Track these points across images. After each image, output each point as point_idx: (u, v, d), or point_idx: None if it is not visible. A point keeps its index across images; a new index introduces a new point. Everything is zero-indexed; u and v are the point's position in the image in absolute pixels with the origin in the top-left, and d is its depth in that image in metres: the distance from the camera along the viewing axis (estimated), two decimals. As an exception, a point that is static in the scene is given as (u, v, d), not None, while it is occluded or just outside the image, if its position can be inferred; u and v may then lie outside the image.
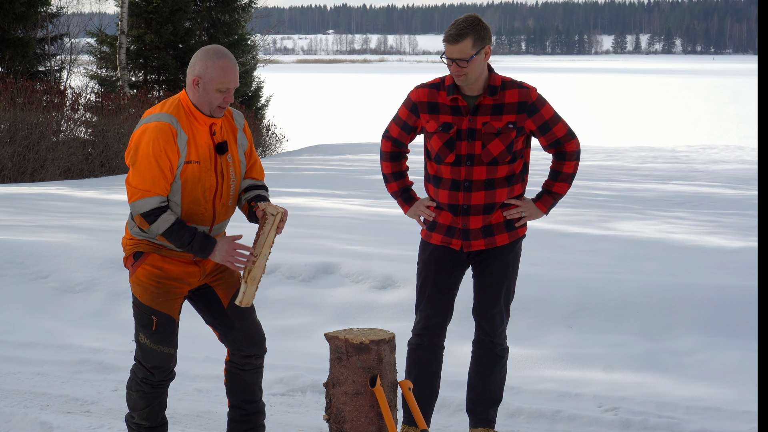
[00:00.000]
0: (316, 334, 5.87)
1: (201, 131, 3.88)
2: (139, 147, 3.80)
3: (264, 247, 3.89)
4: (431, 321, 4.30)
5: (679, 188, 13.87)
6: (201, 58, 3.84)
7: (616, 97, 49.46)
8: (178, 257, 3.94)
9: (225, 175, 3.93)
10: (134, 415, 4.08)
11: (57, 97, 16.00)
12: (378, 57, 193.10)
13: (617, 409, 4.89)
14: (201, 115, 3.86)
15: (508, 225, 4.22)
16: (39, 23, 19.92)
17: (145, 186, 3.78)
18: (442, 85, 4.16)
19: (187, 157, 3.82)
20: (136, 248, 3.95)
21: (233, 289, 4.06)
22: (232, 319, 4.04)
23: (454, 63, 4.02)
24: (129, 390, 4.08)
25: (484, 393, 4.36)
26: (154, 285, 3.93)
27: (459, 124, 4.10)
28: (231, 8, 23.70)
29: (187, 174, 3.83)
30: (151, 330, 3.96)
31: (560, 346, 5.76)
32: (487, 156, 4.10)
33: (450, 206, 4.18)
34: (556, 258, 7.60)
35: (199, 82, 3.82)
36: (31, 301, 6.64)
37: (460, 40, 3.99)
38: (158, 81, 22.36)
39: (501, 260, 4.22)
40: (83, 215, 9.73)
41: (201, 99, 3.84)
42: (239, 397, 4.14)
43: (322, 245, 7.66)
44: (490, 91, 4.09)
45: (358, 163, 18.22)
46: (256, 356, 4.11)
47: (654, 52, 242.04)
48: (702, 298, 6.06)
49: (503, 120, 4.08)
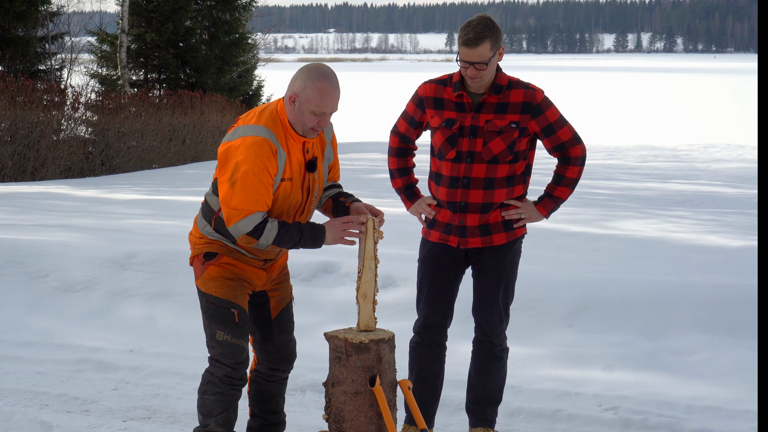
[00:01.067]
0: (316, 334, 5.86)
1: (295, 148, 3.75)
2: (240, 164, 3.61)
3: (365, 260, 3.78)
4: (430, 319, 4.30)
5: (680, 187, 13.87)
6: (302, 75, 3.67)
7: (617, 96, 49.42)
8: (249, 262, 3.88)
9: (311, 192, 3.85)
10: (209, 423, 3.91)
11: (57, 96, 15.99)
12: (379, 56, 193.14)
13: (617, 408, 4.89)
14: (295, 133, 3.74)
15: (506, 225, 4.21)
16: (39, 22, 19.92)
17: (248, 206, 3.63)
18: (449, 81, 4.17)
19: (283, 174, 3.71)
20: (208, 248, 3.86)
21: (285, 302, 4.05)
22: (274, 330, 4.02)
23: (472, 66, 4.00)
24: (203, 395, 3.91)
25: (483, 393, 4.36)
26: (228, 279, 3.85)
27: (462, 120, 4.10)
28: (232, 7, 23.68)
29: (280, 191, 3.73)
30: (233, 323, 3.83)
31: (560, 346, 5.76)
32: (487, 154, 4.09)
33: (449, 203, 4.18)
34: (557, 257, 7.60)
35: (295, 99, 3.67)
36: (30, 300, 6.64)
37: (479, 43, 3.97)
38: (159, 80, 22.35)
39: (498, 260, 4.22)
40: (83, 214, 9.73)
41: (295, 118, 3.70)
42: (262, 406, 4.12)
43: (323, 244, 7.65)
44: (496, 90, 4.09)
45: (359, 162, 18.22)
46: (283, 370, 4.10)
47: (655, 51, 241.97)
48: (702, 297, 6.06)
49: (506, 119, 4.08)
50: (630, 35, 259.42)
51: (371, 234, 3.79)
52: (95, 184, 13.58)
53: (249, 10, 24.44)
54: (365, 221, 3.78)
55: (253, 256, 3.89)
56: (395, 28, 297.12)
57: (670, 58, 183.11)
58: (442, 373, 4.40)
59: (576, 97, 46.56)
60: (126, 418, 4.75)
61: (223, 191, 3.67)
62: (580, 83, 64.47)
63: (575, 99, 44.66)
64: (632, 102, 44.09)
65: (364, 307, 3.83)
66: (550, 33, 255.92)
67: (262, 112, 3.76)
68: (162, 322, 6.38)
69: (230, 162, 3.65)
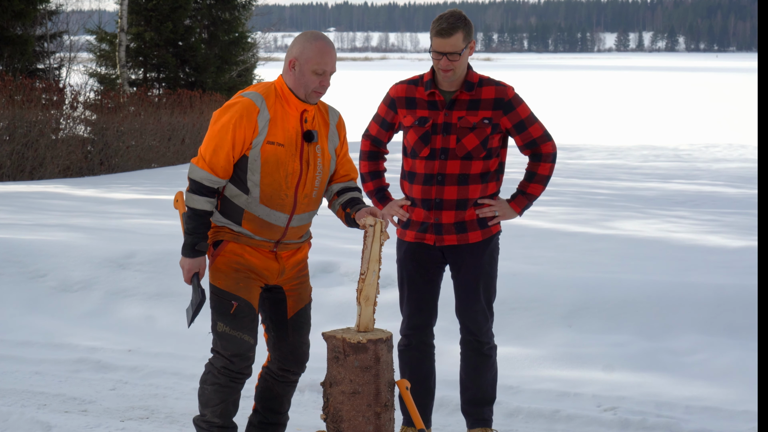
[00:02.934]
0: (315, 333, 5.84)
1: (291, 115, 3.85)
2: (217, 117, 3.82)
3: (370, 263, 3.78)
4: (415, 320, 4.31)
5: (681, 187, 13.86)
6: (299, 41, 3.84)
7: (619, 95, 49.42)
8: (258, 247, 3.90)
9: (311, 165, 3.89)
10: (205, 413, 3.95)
11: (56, 95, 15.99)
12: (379, 55, 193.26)
13: (616, 408, 4.88)
14: (294, 99, 3.83)
15: (481, 222, 4.23)
16: (38, 20, 19.92)
17: (207, 154, 3.79)
18: (420, 81, 4.22)
19: (268, 136, 3.79)
20: (216, 237, 3.91)
21: (302, 303, 4.05)
22: (289, 330, 4.02)
23: (445, 57, 4.05)
24: (203, 385, 3.96)
25: (476, 394, 4.36)
26: (233, 270, 3.88)
27: (435, 118, 4.14)
28: (231, 6, 23.69)
29: (268, 154, 3.79)
30: (230, 315, 3.85)
31: (559, 346, 5.75)
32: (461, 150, 4.12)
33: (423, 201, 4.19)
34: (556, 257, 7.59)
35: (295, 63, 3.81)
36: (29, 299, 6.63)
37: (452, 33, 4.04)
38: (158, 79, 22.35)
39: (476, 257, 4.23)
40: (82, 214, 9.72)
41: (297, 82, 3.82)
42: (265, 404, 4.12)
43: (321, 244, 7.63)
44: (467, 87, 4.14)
45: (357, 161, 18.20)
46: (293, 372, 4.09)
47: (657, 50, 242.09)
48: (702, 297, 6.05)
49: (479, 115, 4.12)
50: (632, 34, 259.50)
51: (378, 237, 3.77)
52: (94, 184, 13.58)
53: (248, 9, 24.45)
54: (374, 224, 3.78)
55: (262, 238, 3.89)
56: (396, 27, 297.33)
57: (672, 57, 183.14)
58: (434, 373, 4.41)
59: (577, 97, 46.58)
60: (124, 418, 4.75)
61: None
62: (582, 82, 64.47)
63: (577, 98, 44.67)
64: (634, 101, 44.08)
65: (365, 309, 3.81)
66: (552, 32, 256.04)
67: (258, 83, 3.95)
68: (160, 322, 6.37)
69: (213, 117, 3.87)
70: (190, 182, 3.82)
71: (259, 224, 3.87)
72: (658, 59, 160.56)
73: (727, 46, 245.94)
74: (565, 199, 11.70)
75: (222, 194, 3.90)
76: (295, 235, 3.97)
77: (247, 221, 3.86)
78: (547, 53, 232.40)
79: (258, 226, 3.87)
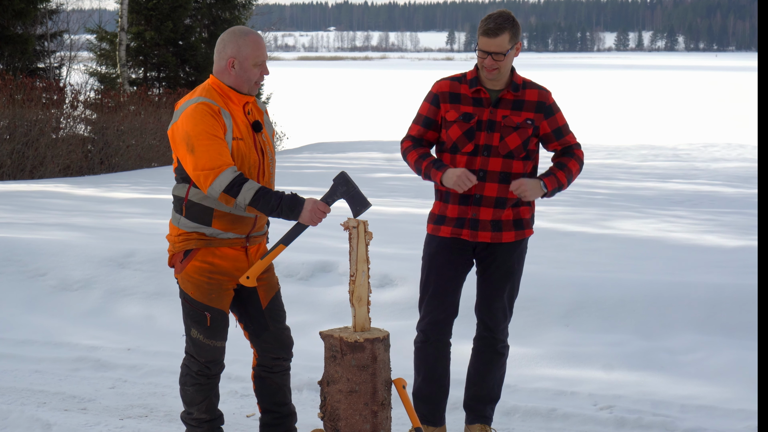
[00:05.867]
0: (313, 332, 5.87)
1: (237, 110, 3.94)
2: (190, 132, 3.79)
3: (359, 264, 3.83)
4: (437, 316, 4.30)
5: (679, 186, 13.87)
6: (230, 39, 3.90)
7: (618, 95, 49.42)
8: (230, 245, 3.95)
9: (265, 153, 3.99)
10: (192, 411, 4.09)
11: (56, 94, 16.01)
12: (380, 54, 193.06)
13: (612, 407, 4.90)
14: (235, 94, 3.92)
15: (516, 224, 4.26)
16: (38, 20, 19.93)
17: (215, 163, 3.77)
18: (463, 78, 4.24)
19: (233, 133, 3.87)
20: (186, 245, 3.95)
21: (273, 291, 4.11)
22: (267, 320, 4.08)
23: (490, 56, 4.09)
24: (183, 386, 4.10)
25: (482, 390, 4.38)
26: (206, 281, 3.95)
27: (480, 115, 4.17)
28: (231, 5, 23.70)
29: (234, 150, 3.87)
30: (205, 326, 3.98)
31: (557, 345, 5.77)
32: (504, 148, 4.16)
33: (461, 197, 4.20)
34: (555, 257, 7.61)
35: (234, 62, 3.88)
36: (28, 298, 6.65)
37: (499, 33, 4.07)
38: (158, 78, 22.36)
39: (506, 256, 4.26)
40: (82, 213, 9.74)
41: (239, 78, 3.90)
42: (270, 400, 4.17)
43: (320, 244, 7.67)
44: (513, 87, 4.19)
45: (358, 161, 18.23)
46: (283, 358, 4.15)
47: (657, 50, 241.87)
48: (699, 297, 6.07)
49: (522, 116, 4.17)
50: (631, 34, 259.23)
51: (363, 237, 3.81)
52: (94, 183, 13.59)
53: (249, 8, 24.45)
54: (356, 225, 3.80)
55: (234, 234, 3.93)
56: (396, 27, 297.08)
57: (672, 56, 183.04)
58: (449, 371, 4.42)
59: (577, 96, 46.56)
60: (123, 416, 4.77)
61: (188, 162, 3.83)
62: (581, 82, 64.46)
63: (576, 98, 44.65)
64: (633, 101, 44.09)
65: (359, 310, 3.85)
66: (551, 31, 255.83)
67: (193, 91, 3.97)
68: (160, 320, 6.39)
69: (181, 136, 3.83)
70: (227, 192, 3.77)
71: (230, 220, 3.92)
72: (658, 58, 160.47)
73: (727, 45, 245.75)
74: (563, 198, 11.71)
75: (186, 199, 3.93)
76: (261, 226, 4.06)
77: (217, 219, 3.91)
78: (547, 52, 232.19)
79: (229, 222, 3.92)
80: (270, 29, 35.75)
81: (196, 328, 4.00)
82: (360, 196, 3.90)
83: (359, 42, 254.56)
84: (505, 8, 4.19)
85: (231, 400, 5.03)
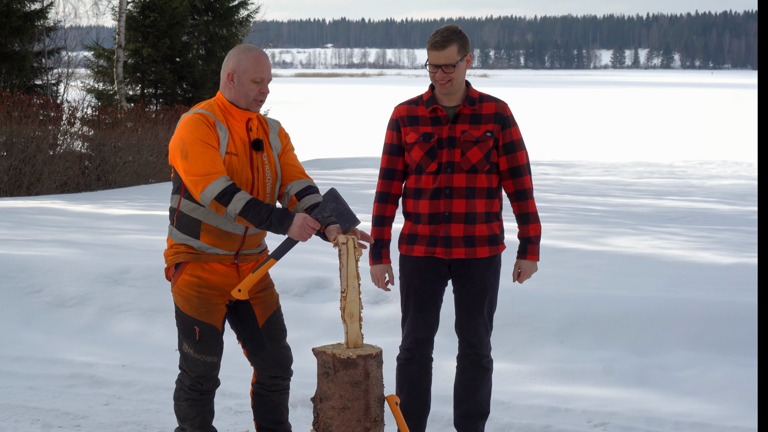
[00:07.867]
0: (308, 349, 5.87)
1: (237, 126, 3.96)
2: (185, 139, 3.86)
3: (349, 280, 3.83)
4: (419, 334, 4.34)
5: (675, 203, 13.88)
6: (233, 54, 3.97)
7: (614, 112, 49.54)
8: (219, 261, 3.96)
9: (261, 172, 3.99)
10: (185, 427, 4.11)
11: (54, 111, 16.03)
12: (377, 71, 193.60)
13: (606, 424, 4.91)
14: (237, 110, 3.96)
15: (490, 239, 4.29)
16: (36, 37, 19.98)
17: (206, 170, 3.81)
18: (420, 100, 4.32)
19: (227, 147, 3.90)
20: (176, 258, 3.98)
21: (271, 309, 4.11)
22: (265, 338, 4.09)
23: (440, 69, 4.16)
24: (177, 401, 4.11)
25: (471, 407, 4.39)
26: (195, 295, 3.96)
27: (439, 133, 4.22)
28: (229, 22, 23.76)
29: (226, 165, 3.89)
30: (194, 340, 4.00)
31: (551, 361, 5.78)
32: (466, 163, 4.20)
33: (431, 216, 4.24)
34: (549, 273, 7.60)
35: (233, 75, 3.94)
36: (23, 315, 6.65)
37: (446, 45, 4.15)
38: (155, 95, 22.39)
39: (482, 271, 4.29)
40: (77, 229, 9.74)
41: (237, 93, 3.95)
42: (267, 417, 4.19)
43: (315, 260, 7.69)
44: (469, 102, 4.24)
45: (354, 177, 18.24)
46: (282, 377, 4.16)
47: (653, 67, 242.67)
48: (693, 313, 6.08)
49: (481, 129, 4.22)
50: (627, 51, 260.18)
51: (352, 253, 3.83)
52: (90, 199, 13.60)
53: (246, 26, 24.51)
54: (346, 241, 3.82)
55: (222, 250, 3.94)
56: (393, 44, 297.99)
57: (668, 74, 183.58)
58: (431, 386, 4.45)
59: (573, 113, 46.69)
60: (116, 433, 4.77)
61: (181, 167, 3.88)
62: (578, 99, 64.63)
63: (572, 115, 44.78)
64: (629, 118, 44.19)
65: (351, 326, 3.85)
66: (548, 49, 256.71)
67: (196, 105, 4.03)
68: (154, 337, 6.39)
69: (176, 143, 3.91)
70: (218, 200, 3.79)
71: (217, 234, 3.93)
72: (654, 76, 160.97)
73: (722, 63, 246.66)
74: (559, 215, 11.74)
75: (178, 210, 3.97)
76: (254, 244, 4.05)
77: (205, 233, 3.92)
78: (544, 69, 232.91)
79: (216, 237, 3.94)
80: (267, 46, 35.86)
81: (186, 342, 4.02)
82: (349, 212, 3.92)
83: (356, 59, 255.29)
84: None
85: (225, 416, 5.03)
